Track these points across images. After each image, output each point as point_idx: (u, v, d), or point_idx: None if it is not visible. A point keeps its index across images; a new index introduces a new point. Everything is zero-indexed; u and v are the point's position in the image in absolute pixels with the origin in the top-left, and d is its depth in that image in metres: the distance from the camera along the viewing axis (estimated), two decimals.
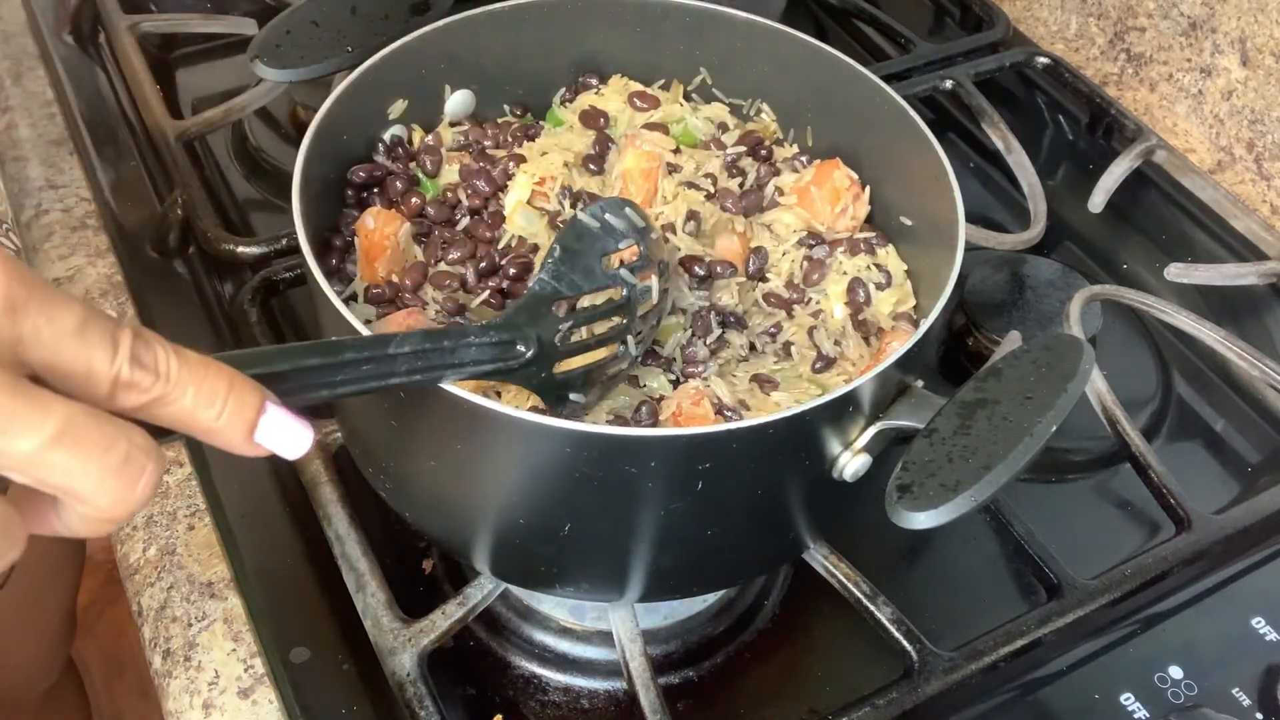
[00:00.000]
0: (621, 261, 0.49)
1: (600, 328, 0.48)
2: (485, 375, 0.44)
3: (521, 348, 0.44)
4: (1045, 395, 0.42)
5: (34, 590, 0.86)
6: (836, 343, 0.52)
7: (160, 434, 0.32)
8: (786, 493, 0.48)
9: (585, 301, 0.48)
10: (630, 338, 0.49)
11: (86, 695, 1.12)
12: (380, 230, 0.53)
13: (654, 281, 0.50)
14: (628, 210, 0.50)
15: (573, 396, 0.47)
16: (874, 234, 0.57)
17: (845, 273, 0.55)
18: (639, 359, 0.50)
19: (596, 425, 0.42)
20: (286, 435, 0.34)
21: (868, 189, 0.58)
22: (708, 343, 0.52)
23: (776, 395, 0.50)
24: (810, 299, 0.55)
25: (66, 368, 0.29)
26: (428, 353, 0.40)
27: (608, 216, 0.50)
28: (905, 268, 0.56)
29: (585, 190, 0.56)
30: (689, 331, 0.52)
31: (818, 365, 0.52)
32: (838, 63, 0.58)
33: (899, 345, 0.46)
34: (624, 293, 0.49)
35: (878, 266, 0.55)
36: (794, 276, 0.55)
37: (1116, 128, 0.85)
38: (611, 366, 0.49)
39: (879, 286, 0.55)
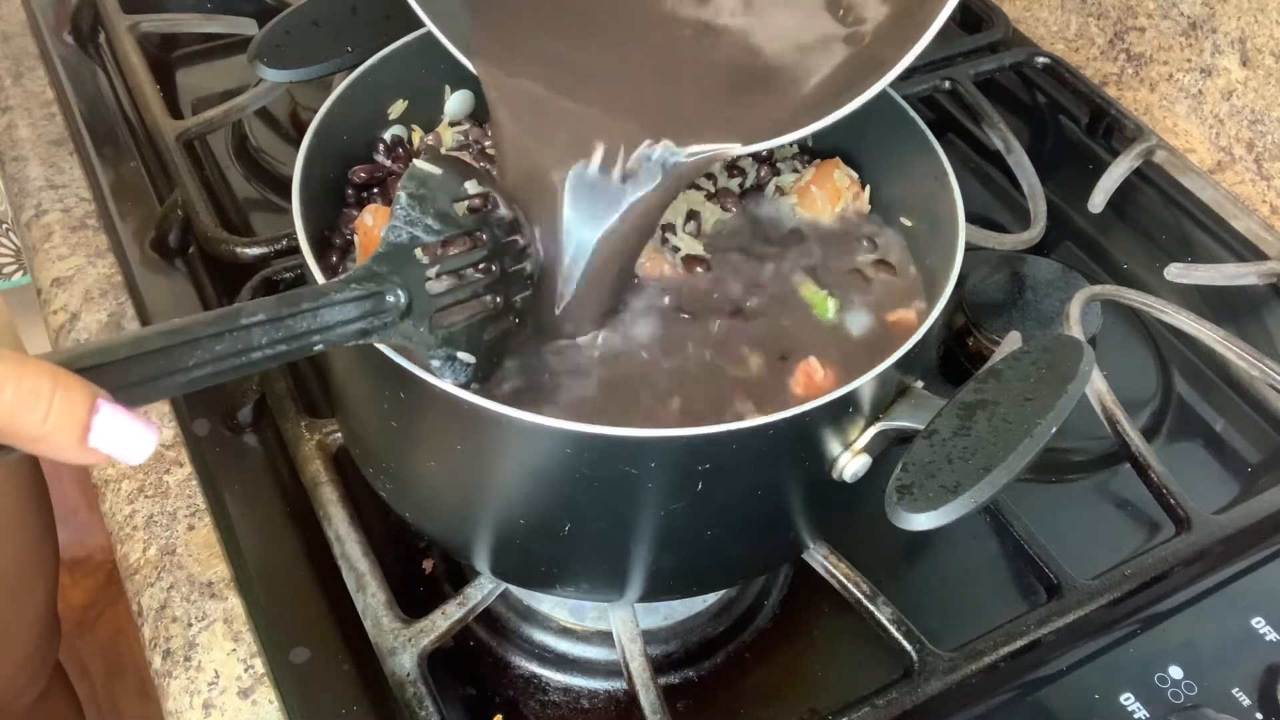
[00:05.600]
0: (474, 209, 0.46)
1: (472, 278, 0.45)
2: (360, 336, 0.40)
3: (390, 299, 0.41)
4: (1045, 396, 0.42)
5: (6, 602, 0.85)
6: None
7: None
8: (786, 493, 0.48)
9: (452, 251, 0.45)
10: (503, 295, 0.46)
11: (79, 701, 1.12)
12: (379, 227, 0.53)
13: (518, 217, 0.47)
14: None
15: (461, 355, 0.44)
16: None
17: None
18: (522, 326, 0.47)
19: (597, 426, 0.42)
20: (126, 437, 0.30)
21: (868, 189, 0.58)
22: None
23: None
24: None
25: None
26: (286, 319, 0.37)
27: (446, 168, 0.46)
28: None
29: None
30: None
31: None
32: None
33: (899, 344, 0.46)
34: (484, 236, 0.46)
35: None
36: None
37: (1116, 128, 0.85)
38: (494, 326, 0.46)
39: None
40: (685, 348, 0.50)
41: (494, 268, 0.46)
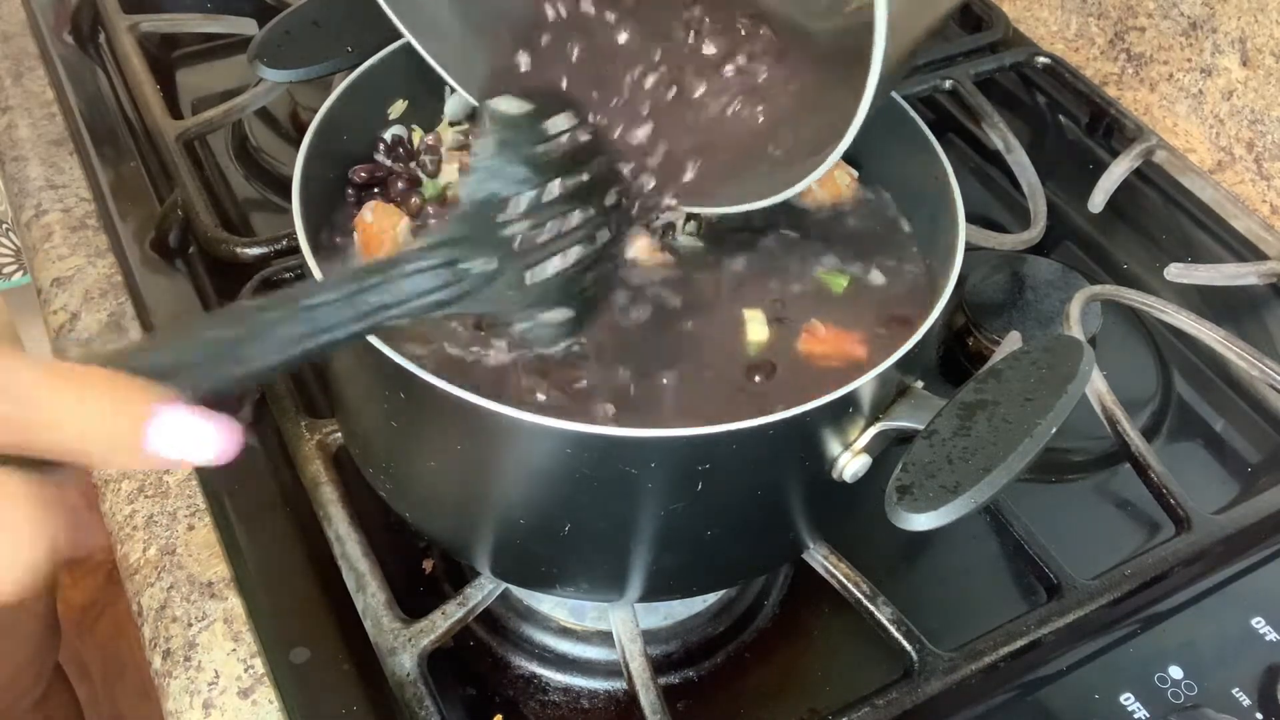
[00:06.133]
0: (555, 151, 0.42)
1: (569, 225, 0.41)
2: (438, 308, 0.37)
3: (468, 265, 0.37)
4: (1045, 396, 0.42)
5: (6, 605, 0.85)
6: None
7: (44, 465, 0.27)
8: (786, 493, 0.48)
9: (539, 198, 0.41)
10: (603, 233, 0.42)
11: (79, 703, 1.11)
12: (379, 224, 0.53)
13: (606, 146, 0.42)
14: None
15: (551, 315, 0.40)
16: None
17: None
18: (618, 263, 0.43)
19: (597, 426, 0.42)
20: (190, 438, 0.28)
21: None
22: None
23: None
24: None
25: None
26: (355, 296, 0.34)
27: (533, 105, 0.42)
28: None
29: None
30: None
31: None
32: None
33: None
34: (581, 176, 0.41)
35: None
36: None
37: (1116, 128, 0.85)
38: (592, 272, 0.42)
39: None
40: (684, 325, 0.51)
41: (590, 210, 0.42)
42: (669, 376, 0.49)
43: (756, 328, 0.51)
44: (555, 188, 0.41)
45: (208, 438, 0.29)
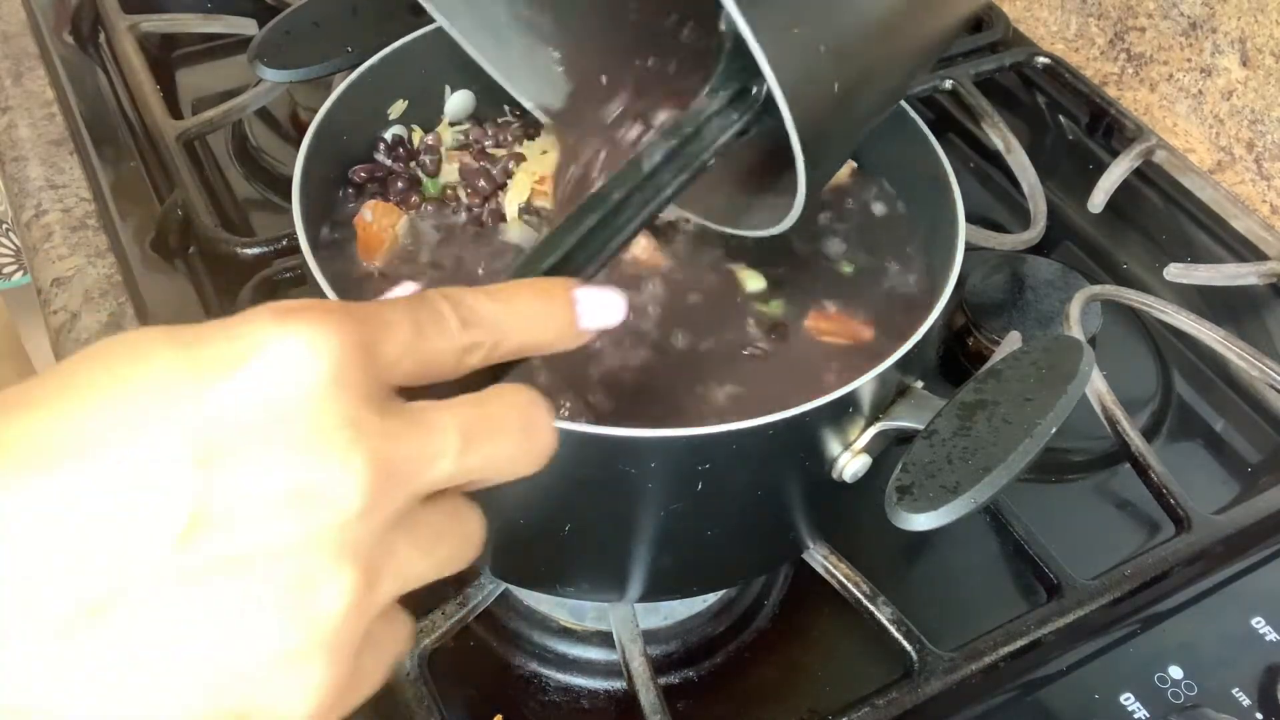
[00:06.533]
0: None
1: None
2: (741, 135, 0.42)
3: (758, 89, 0.42)
4: (1045, 397, 0.43)
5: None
6: None
7: (503, 370, 0.32)
8: (786, 493, 0.48)
9: None
10: None
11: None
12: (379, 223, 0.53)
13: None
14: None
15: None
16: None
17: None
18: None
19: (596, 426, 0.42)
20: (604, 309, 0.33)
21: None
22: None
23: None
24: None
25: (424, 370, 0.29)
26: (678, 151, 0.40)
27: None
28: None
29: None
30: None
31: None
32: None
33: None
34: None
35: None
36: None
37: (1116, 128, 0.85)
38: None
39: None
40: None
41: None
42: (679, 336, 0.50)
43: (750, 279, 0.53)
44: None
45: (614, 302, 0.33)
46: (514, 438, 0.30)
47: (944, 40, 0.49)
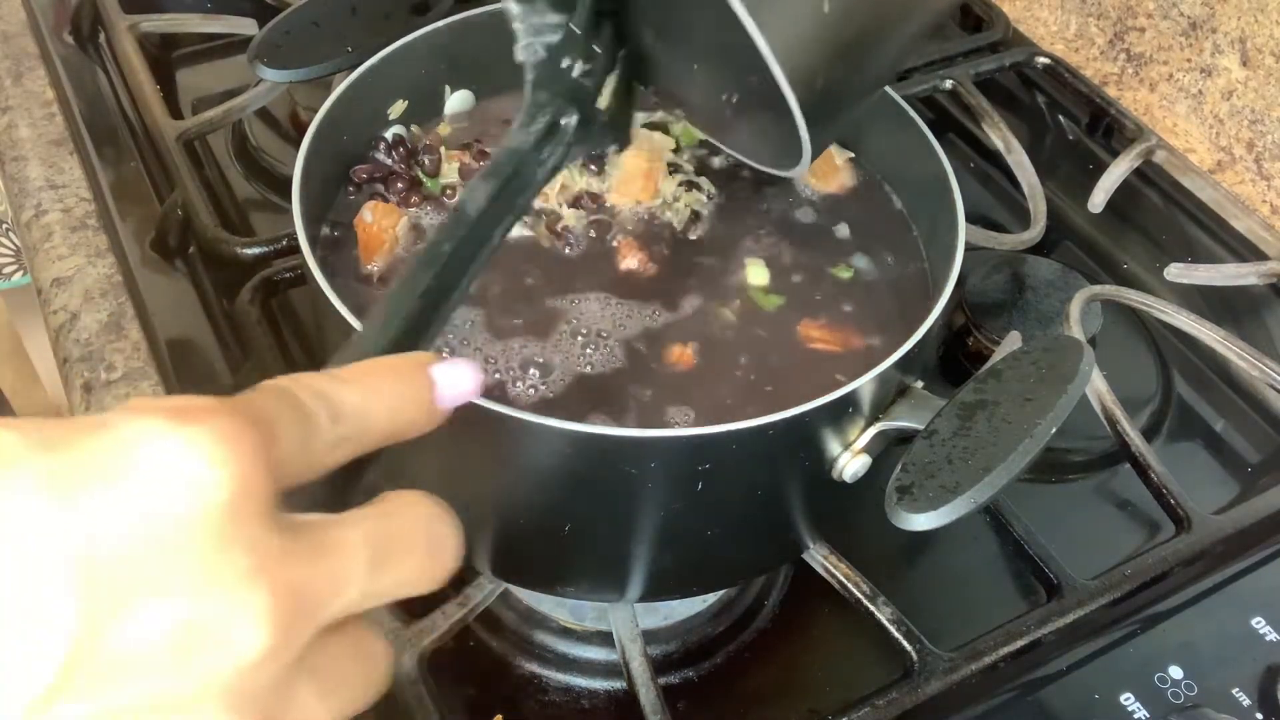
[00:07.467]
0: None
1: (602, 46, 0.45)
2: (553, 174, 0.42)
3: (565, 121, 0.42)
4: (1045, 397, 0.42)
5: None
6: None
7: (364, 465, 0.30)
8: (786, 493, 0.48)
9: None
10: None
11: None
12: (379, 224, 0.53)
13: None
14: None
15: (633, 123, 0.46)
16: None
17: None
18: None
19: (596, 426, 0.42)
20: (459, 382, 0.31)
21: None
22: None
23: None
24: None
25: (305, 474, 0.26)
26: (502, 193, 0.39)
27: None
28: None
29: (586, 190, 0.56)
30: None
31: None
32: None
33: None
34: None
35: None
36: None
37: (1116, 128, 0.85)
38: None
39: None
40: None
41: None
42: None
43: (756, 271, 0.54)
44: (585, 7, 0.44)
45: (466, 375, 0.31)
46: (420, 555, 0.27)
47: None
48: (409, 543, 0.26)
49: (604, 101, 0.45)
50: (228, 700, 0.22)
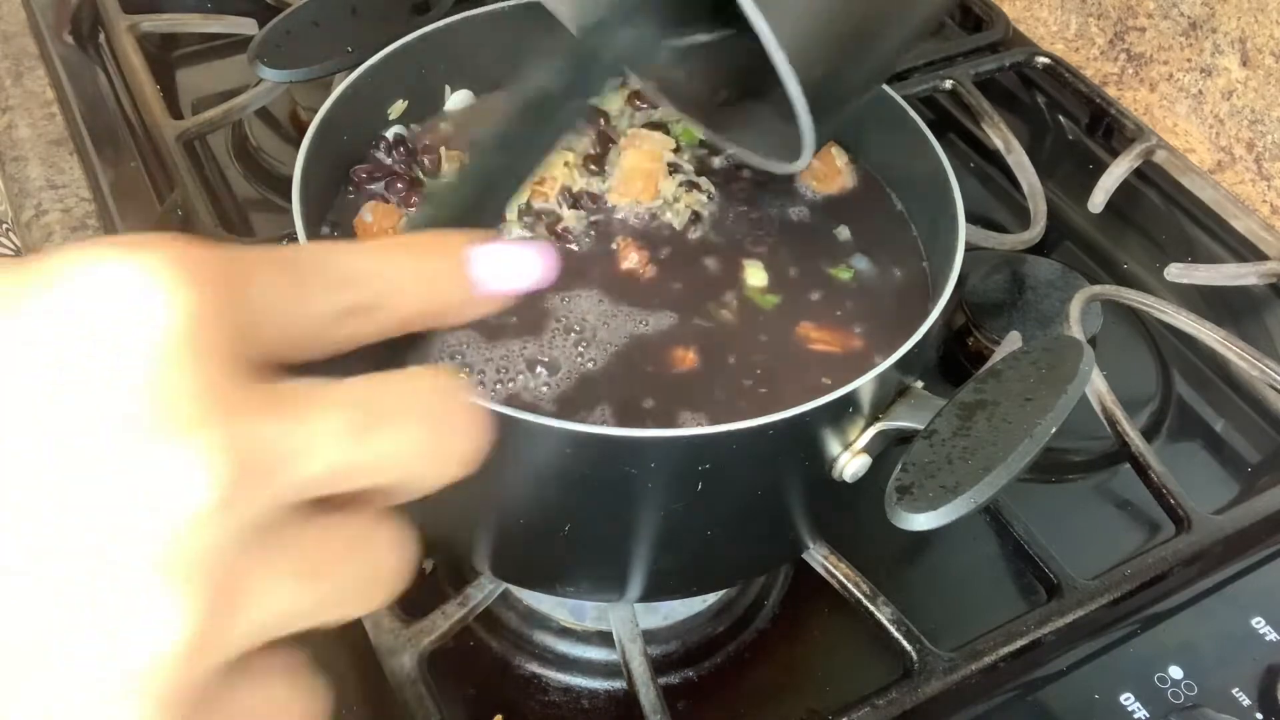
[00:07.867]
0: None
1: None
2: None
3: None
4: (1045, 397, 0.42)
5: None
6: None
7: (401, 349, 0.26)
8: (786, 493, 0.48)
9: None
10: None
11: None
12: (379, 224, 0.53)
13: None
14: None
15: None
16: None
17: None
18: None
19: (596, 426, 0.42)
20: (513, 267, 0.26)
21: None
22: None
23: None
24: None
25: (289, 336, 0.22)
26: (515, 136, 0.34)
27: None
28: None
29: (585, 190, 0.56)
30: None
31: None
32: None
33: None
34: None
35: None
36: None
37: (1116, 128, 0.85)
38: None
39: None
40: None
41: None
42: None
43: (755, 272, 0.54)
44: None
45: (527, 259, 0.26)
46: (420, 428, 0.22)
47: None
48: (404, 409, 0.22)
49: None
50: (165, 565, 0.19)
